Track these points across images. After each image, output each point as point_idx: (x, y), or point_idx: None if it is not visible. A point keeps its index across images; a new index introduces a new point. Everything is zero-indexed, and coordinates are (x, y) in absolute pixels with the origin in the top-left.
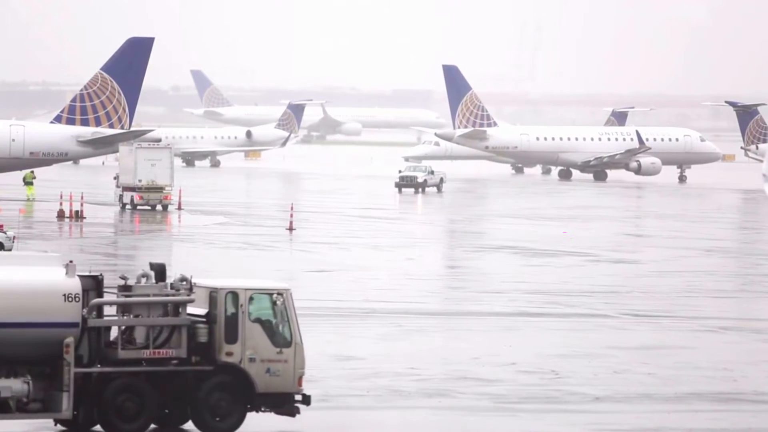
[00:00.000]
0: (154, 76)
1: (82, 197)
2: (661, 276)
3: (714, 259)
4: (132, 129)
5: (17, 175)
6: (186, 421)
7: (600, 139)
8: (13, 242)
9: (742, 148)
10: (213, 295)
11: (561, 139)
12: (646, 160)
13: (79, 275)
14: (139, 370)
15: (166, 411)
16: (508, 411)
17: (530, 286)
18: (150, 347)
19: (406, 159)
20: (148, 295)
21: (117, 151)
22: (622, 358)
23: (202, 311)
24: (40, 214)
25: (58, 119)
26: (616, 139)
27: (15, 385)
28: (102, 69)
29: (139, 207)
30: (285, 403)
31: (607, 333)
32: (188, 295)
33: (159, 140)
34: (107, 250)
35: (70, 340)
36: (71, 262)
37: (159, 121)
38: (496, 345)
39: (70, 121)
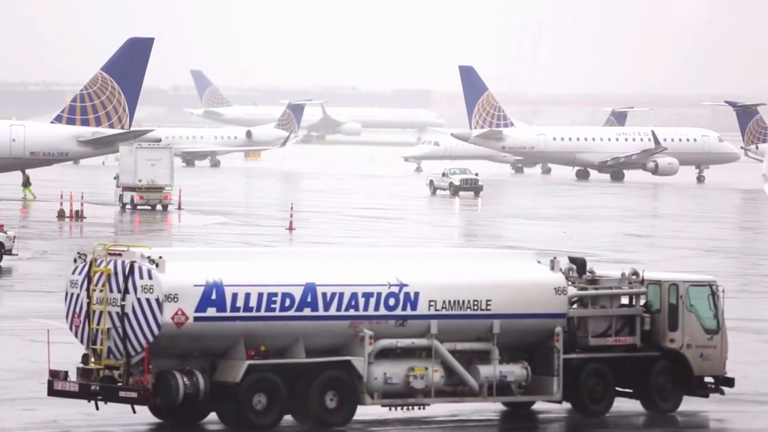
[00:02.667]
0: (154, 76)
1: (82, 197)
2: None
3: (714, 259)
4: (132, 129)
5: (17, 175)
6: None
7: (617, 140)
8: (14, 242)
9: (742, 148)
10: (656, 287)
11: (578, 139)
12: (663, 160)
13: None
14: (609, 356)
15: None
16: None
17: None
18: (612, 335)
19: (406, 159)
20: (610, 288)
21: (117, 151)
22: None
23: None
24: (40, 214)
25: (58, 119)
26: (633, 140)
27: (517, 370)
28: (102, 69)
29: (139, 207)
30: (705, 386)
31: None
32: (640, 288)
33: (159, 140)
34: None
35: (559, 329)
36: (556, 258)
37: (159, 121)
38: None
39: (71, 121)
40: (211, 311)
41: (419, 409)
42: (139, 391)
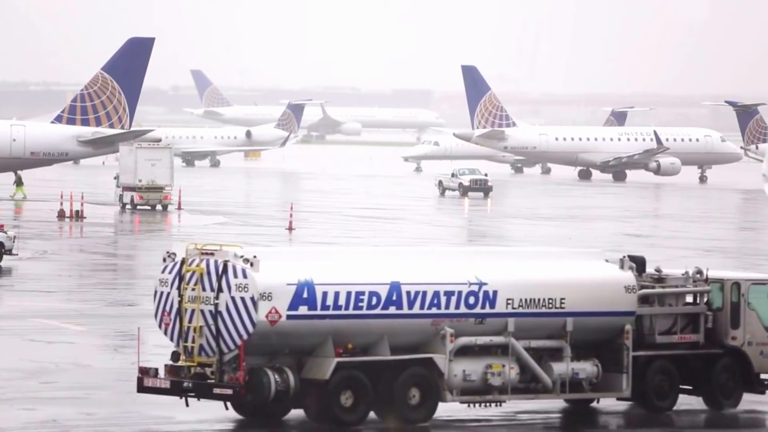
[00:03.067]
0: (154, 76)
1: (82, 197)
2: None
3: (714, 259)
4: (132, 129)
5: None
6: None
7: (619, 140)
8: (14, 242)
9: (741, 147)
10: (719, 285)
11: (580, 139)
12: (665, 160)
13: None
14: (674, 353)
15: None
16: (507, 410)
17: None
18: (677, 333)
19: (406, 159)
20: (676, 286)
21: (117, 151)
22: None
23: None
24: (40, 214)
25: (58, 119)
26: (636, 140)
27: (588, 368)
28: (102, 69)
29: (139, 207)
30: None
31: None
32: (704, 286)
33: (159, 140)
34: (107, 250)
35: (629, 326)
36: (626, 257)
37: (159, 121)
38: None
39: (71, 121)
40: (302, 309)
41: (496, 406)
42: (235, 387)
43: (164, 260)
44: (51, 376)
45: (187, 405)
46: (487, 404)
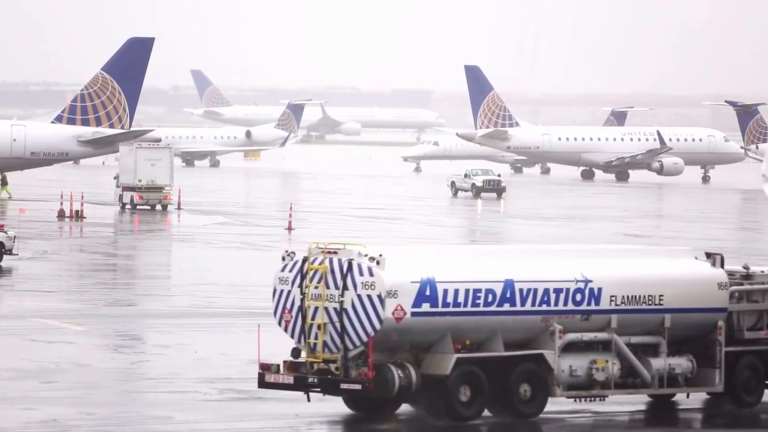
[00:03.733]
0: (154, 76)
1: (82, 197)
2: None
3: None
4: (132, 129)
5: (18, 175)
6: None
7: (622, 139)
8: (14, 242)
9: (742, 147)
10: None
11: (583, 139)
12: (668, 160)
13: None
14: (760, 349)
15: None
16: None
17: None
18: (764, 329)
19: (405, 159)
20: (763, 283)
21: (117, 151)
22: None
23: None
24: (40, 214)
25: (58, 119)
26: (639, 140)
27: (683, 363)
28: (102, 69)
29: (138, 207)
30: None
31: None
32: None
33: (159, 140)
34: (107, 250)
35: (721, 322)
36: (718, 255)
37: (159, 121)
38: None
39: (71, 121)
40: (425, 307)
41: (599, 401)
42: (364, 383)
43: (283, 259)
44: (51, 376)
45: (309, 400)
46: (591, 399)
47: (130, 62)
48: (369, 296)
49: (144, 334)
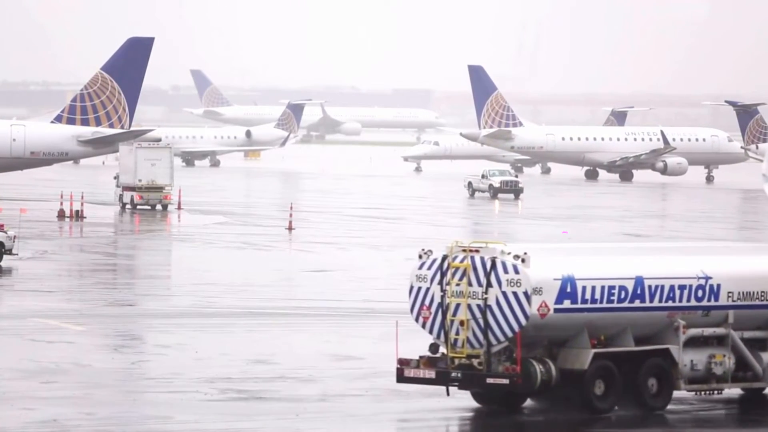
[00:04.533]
0: (154, 76)
1: (82, 197)
2: None
3: None
4: (132, 129)
5: (18, 175)
6: None
7: (626, 139)
8: (14, 242)
9: (742, 147)
10: None
11: (587, 139)
12: (672, 160)
13: None
14: None
15: None
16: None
17: None
18: None
19: (406, 159)
20: None
21: (117, 151)
22: None
23: None
24: (40, 214)
25: (58, 119)
26: (642, 139)
27: None
28: (102, 69)
29: (139, 207)
30: None
31: None
32: None
33: (159, 140)
34: (107, 250)
35: None
36: None
37: (159, 121)
38: None
39: (71, 121)
40: (566, 303)
41: (717, 394)
42: (512, 377)
43: (420, 257)
44: (51, 376)
45: (448, 394)
46: (710, 392)
47: (130, 62)
48: (515, 293)
49: (144, 334)
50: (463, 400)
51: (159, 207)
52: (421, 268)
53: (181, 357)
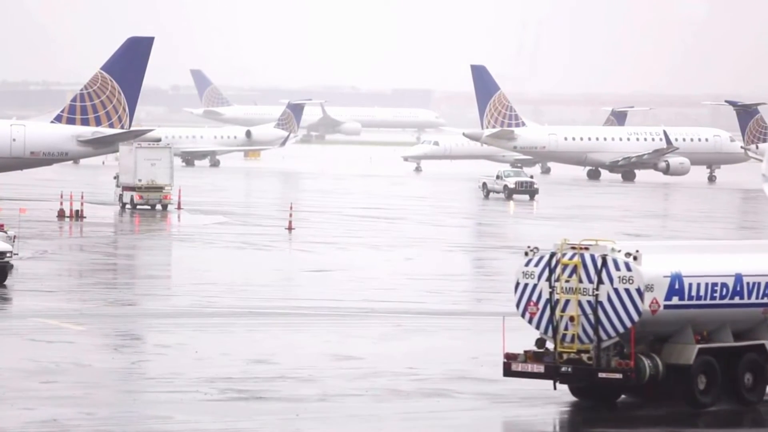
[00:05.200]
0: (154, 76)
1: (82, 197)
2: None
3: None
4: (132, 129)
5: (18, 175)
6: None
7: (628, 139)
8: (14, 242)
9: (742, 147)
10: None
11: (589, 139)
12: (674, 160)
13: None
14: None
15: None
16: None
17: None
18: None
19: (405, 159)
20: None
21: (117, 151)
22: None
23: None
24: (40, 214)
25: (58, 119)
26: (645, 139)
27: None
28: (102, 69)
29: (139, 207)
30: None
31: None
32: None
33: (159, 140)
34: (107, 249)
35: None
36: None
37: (159, 120)
38: (495, 345)
39: (71, 121)
40: (674, 300)
41: None
42: (626, 372)
43: (526, 254)
44: (51, 376)
45: (555, 388)
46: None
47: (130, 62)
48: (627, 290)
49: (144, 334)
50: (464, 400)
51: (159, 207)
52: (528, 264)
53: (181, 357)
